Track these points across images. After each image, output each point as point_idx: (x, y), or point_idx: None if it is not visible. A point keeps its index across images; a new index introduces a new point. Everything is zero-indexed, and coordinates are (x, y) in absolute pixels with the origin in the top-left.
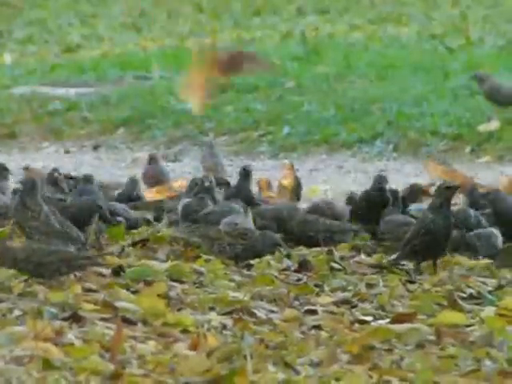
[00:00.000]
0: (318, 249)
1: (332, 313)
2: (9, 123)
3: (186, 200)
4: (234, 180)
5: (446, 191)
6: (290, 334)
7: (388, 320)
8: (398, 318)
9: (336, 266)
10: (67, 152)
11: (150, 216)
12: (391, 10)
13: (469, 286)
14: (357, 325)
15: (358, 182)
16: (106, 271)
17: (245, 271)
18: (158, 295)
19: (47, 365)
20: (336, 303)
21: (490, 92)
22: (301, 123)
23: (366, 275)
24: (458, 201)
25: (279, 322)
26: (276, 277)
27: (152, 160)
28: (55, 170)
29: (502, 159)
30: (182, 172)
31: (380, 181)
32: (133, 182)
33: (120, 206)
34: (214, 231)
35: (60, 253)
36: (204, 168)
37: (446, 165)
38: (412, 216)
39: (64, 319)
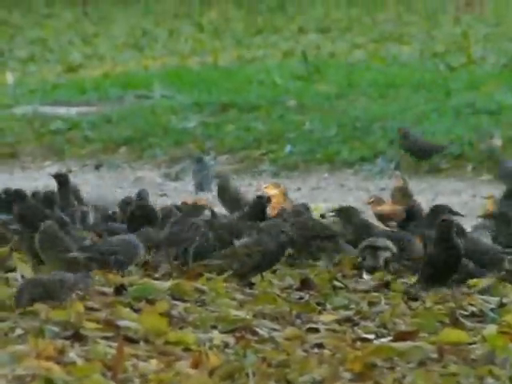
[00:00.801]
0: (320, 267)
1: (334, 331)
2: (11, 143)
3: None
4: None
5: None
6: (293, 352)
7: (390, 338)
8: (400, 336)
9: (338, 284)
10: (69, 171)
11: None
12: (393, 29)
13: (471, 304)
14: (359, 343)
15: (359, 200)
16: (108, 290)
17: (247, 289)
18: (160, 314)
19: None
20: (338, 321)
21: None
22: (302, 142)
23: (368, 293)
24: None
25: (281, 341)
26: (278, 295)
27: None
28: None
29: None
30: (184, 191)
31: None
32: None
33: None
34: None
35: None
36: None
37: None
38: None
39: (66, 338)
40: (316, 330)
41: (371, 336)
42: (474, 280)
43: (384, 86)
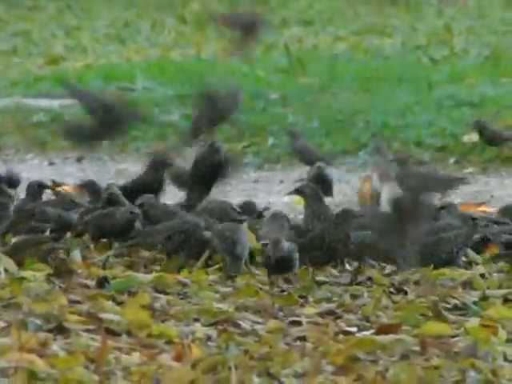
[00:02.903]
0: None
1: (316, 324)
2: None
3: None
4: None
5: None
6: (275, 345)
7: (372, 331)
8: (383, 329)
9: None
10: (51, 164)
11: None
12: (375, 22)
13: (453, 297)
14: (341, 336)
15: (342, 193)
16: (91, 282)
17: (229, 282)
18: (143, 306)
19: (32, 376)
20: (320, 314)
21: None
22: (285, 135)
23: (350, 286)
24: None
25: (264, 334)
26: (260, 288)
27: None
28: None
29: (487, 170)
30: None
31: None
32: None
33: None
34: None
35: None
36: None
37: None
38: None
39: (49, 331)
40: (298, 323)
41: (354, 329)
42: (457, 272)
43: (367, 79)
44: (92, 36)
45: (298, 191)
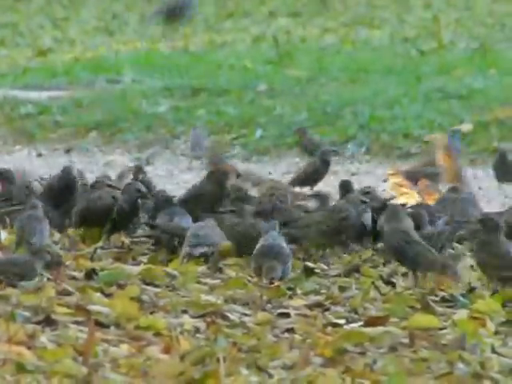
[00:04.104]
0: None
1: (305, 316)
2: None
3: None
4: None
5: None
6: (263, 337)
7: (361, 323)
8: (371, 321)
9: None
10: (39, 155)
11: None
12: (364, 13)
13: (441, 289)
14: (330, 328)
15: (330, 185)
16: (79, 274)
17: (217, 274)
18: (131, 298)
19: (20, 368)
20: (309, 306)
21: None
22: (273, 126)
23: (338, 278)
24: None
25: (252, 326)
26: (249, 280)
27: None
28: None
29: (475, 162)
30: (155, 175)
31: None
32: None
33: None
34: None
35: None
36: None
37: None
38: None
39: (37, 323)
40: (287, 315)
41: (342, 321)
42: None
43: (355, 71)
44: (80, 28)
45: None
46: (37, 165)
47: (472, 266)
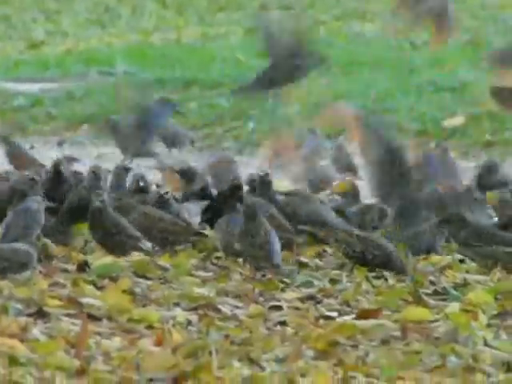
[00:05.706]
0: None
1: (297, 309)
2: None
3: None
4: None
5: None
6: (255, 329)
7: (353, 316)
8: (363, 314)
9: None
10: (32, 148)
11: None
12: (356, 6)
13: (433, 282)
14: (322, 321)
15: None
16: (71, 267)
17: (210, 267)
18: (123, 291)
19: (13, 361)
20: (301, 299)
21: None
22: (266, 119)
23: (331, 270)
24: None
25: (244, 318)
26: (241, 273)
27: None
28: None
29: (467, 154)
30: (148, 167)
31: None
32: None
33: None
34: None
35: None
36: None
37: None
38: None
39: (29, 315)
40: (279, 308)
41: (334, 314)
42: (437, 257)
43: (347, 64)
44: (72, 20)
45: None
46: None
47: (462, 260)
